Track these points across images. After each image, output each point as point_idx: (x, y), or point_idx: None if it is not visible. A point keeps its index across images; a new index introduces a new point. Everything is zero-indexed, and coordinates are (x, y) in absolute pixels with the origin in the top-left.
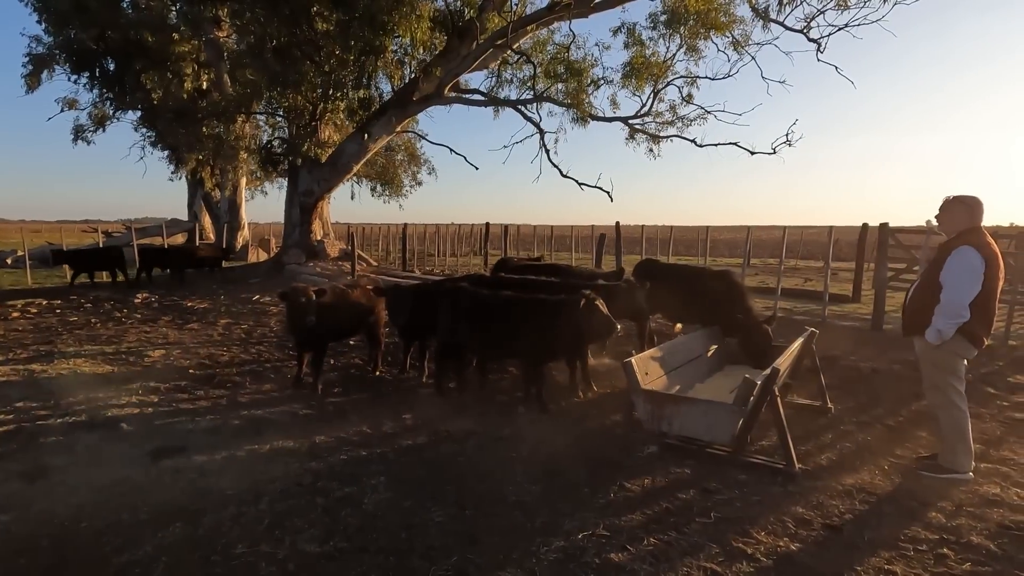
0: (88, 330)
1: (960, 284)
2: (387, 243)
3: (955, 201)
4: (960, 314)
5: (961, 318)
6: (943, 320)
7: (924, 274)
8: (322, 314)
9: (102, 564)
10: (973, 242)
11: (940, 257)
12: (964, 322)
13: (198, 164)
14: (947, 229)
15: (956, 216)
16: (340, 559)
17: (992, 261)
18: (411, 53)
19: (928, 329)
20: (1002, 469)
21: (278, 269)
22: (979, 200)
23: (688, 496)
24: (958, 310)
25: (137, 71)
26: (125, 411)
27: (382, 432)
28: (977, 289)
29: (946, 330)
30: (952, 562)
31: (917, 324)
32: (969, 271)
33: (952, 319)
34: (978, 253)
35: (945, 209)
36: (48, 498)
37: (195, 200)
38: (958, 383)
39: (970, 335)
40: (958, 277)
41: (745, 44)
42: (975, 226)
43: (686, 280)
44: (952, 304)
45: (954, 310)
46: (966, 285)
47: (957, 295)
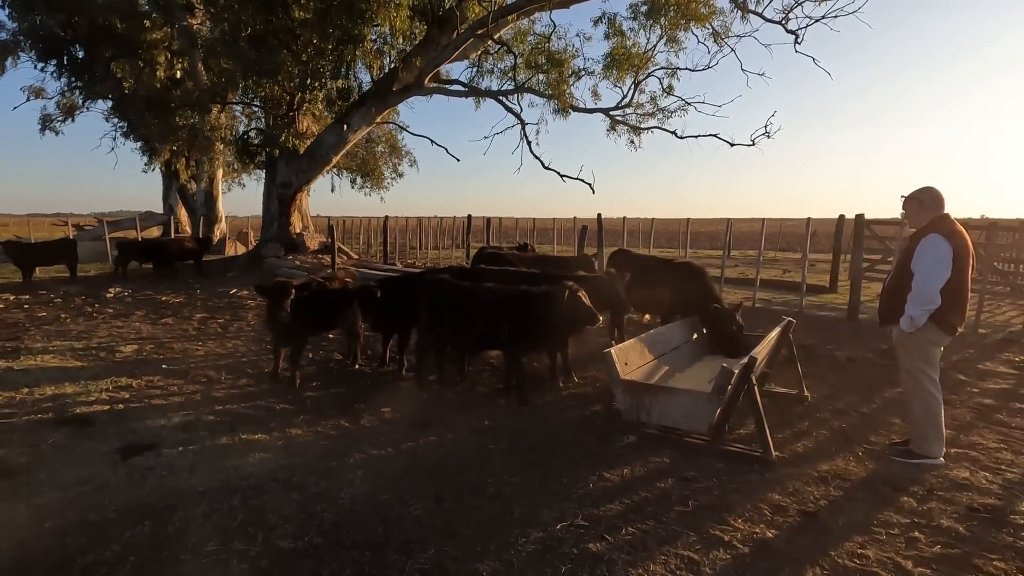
0: (57, 325)
1: (929, 271)
2: (368, 236)
3: (910, 199)
4: (932, 300)
5: (932, 304)
6: (915, 307)
7: (896, 264)
8: (301, 308)
9: (66, 565)
10: (941, 230)
11: (910, 247)
12: (935, 309)
13: (172, 155)
14: (914, 224)
15: (915, 211)
16: (315, 555)
17: (961, 248)
18: (390, 42)
19: (902, 317)
20: (971, 454)
21: (256, 263)
22: (933, 190)
23: (666, 485)
24: (929, 297)
25: (107, 59)
26: (94, 408)
27: (360, 425)
28: (946, 276)
29: (918, 317)
30: (923, 545)
31: (892, 313)
32: (937, 258)
33: (923, 306)
34: (946, 241)
35: (906, 208)
36: (11, 498)
37: (170, 193)
38: (931, 371)
39: (942, 322)
40: (927, 265)
41: (725, 36)
42: (941, 214)
43: (651, 271)
44: (923, 292)
45: (925, 297)
46: (935, 272)
47: (927, 283)
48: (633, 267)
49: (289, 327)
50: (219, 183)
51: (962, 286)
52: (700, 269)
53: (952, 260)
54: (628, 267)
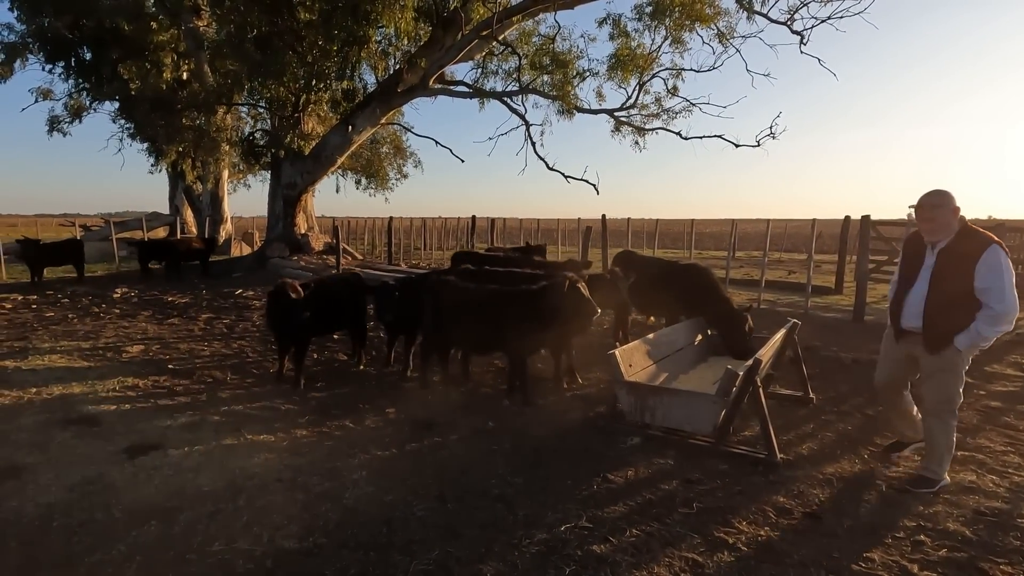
0: (65, 325)
1: (1010, 289)
2: (372, 236)
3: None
4: (1011, 322)
5: (1011, 326)
6: (992, 327)
7: (937, 278)
8: (305, 309)
9: (73, 563)
10: (994, 240)
11: (961, 259)
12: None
13: (178, 156)
14: (943, 233)
15: (949, 219)
16: (319, 555)
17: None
18: (395, 44)
19: (962, 336)
20: (978, 457)
21: (261, 263)
22: (951, 194)
23: (670, 487)
24: (1012, 318)
25: (114, 60)
26: (101, 408)
27: (364, 426)
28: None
29: (990, 338)
30: (929, 548)
31: (948, 335)
32: (1009, 273)
33: (1003, 326)
34: (1005, 254)
35: (935, 218)
36: (18, 497)
37: (176, 193)
38: (959, 393)
39: None
40: (1008, 282)
41: (730, 36)
42: (963, 220)
43: (657, 272)
44: (1008, 312)
45: (1009, 318)
46: (1012, 290)
47: (1012, 303)
48: (639, 268)
49: (293, 327)
50: (225, 184)
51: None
52: (707, 271)
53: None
54: (634, 268)
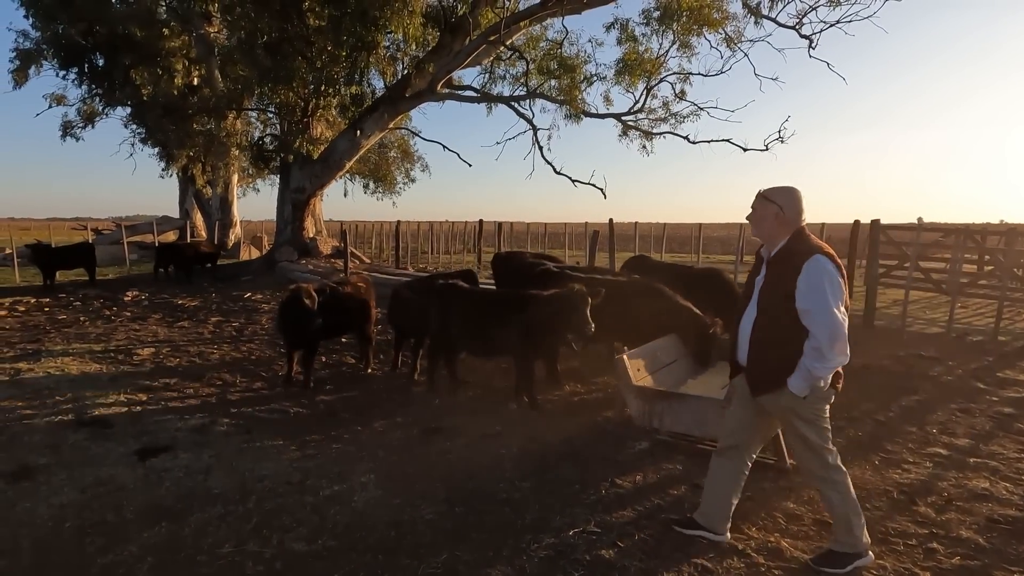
0: (77, 328)
1: (833, 311)
2: (380, 240)
3: (764, 201)
4: (845, 351)
5: (845, 357)
6: (821, 363)
7: (761, 301)
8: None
9: (86, 564)
10: (823, 249)
11: (782, 274)
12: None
13: (189, 161)
14: (764, 236)
15: (770, 220)
16: (328, 557)
17: (843, 276)
18: (403, 49)
19: (793, 378)
20: (991, 464)
21: (270, 267)
22: (795, 193)
23: (679, 492)
24: (843, 346)
25: (126, 66)
26: (112, 410)
27: (372, 429)
28: (844, 315)
29: (824, 376)
30: (941, 556)
31: (774, 373)
32: (834, 289)
33: (836, 359)
34: (834, 264)
35: (755, 212)
36: (31, 498)
37: (186, 197)
38: (830, 443)
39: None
40: (829, 301)
41: (738, 41)
42: (801, 227)
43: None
44: (833, 339)
45: (838, 347)
46: (838, 310)
47: (837, 326)
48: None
49: (302, 331)
50: (234, 188)
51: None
52: (725, 276)
53: (845, 292)
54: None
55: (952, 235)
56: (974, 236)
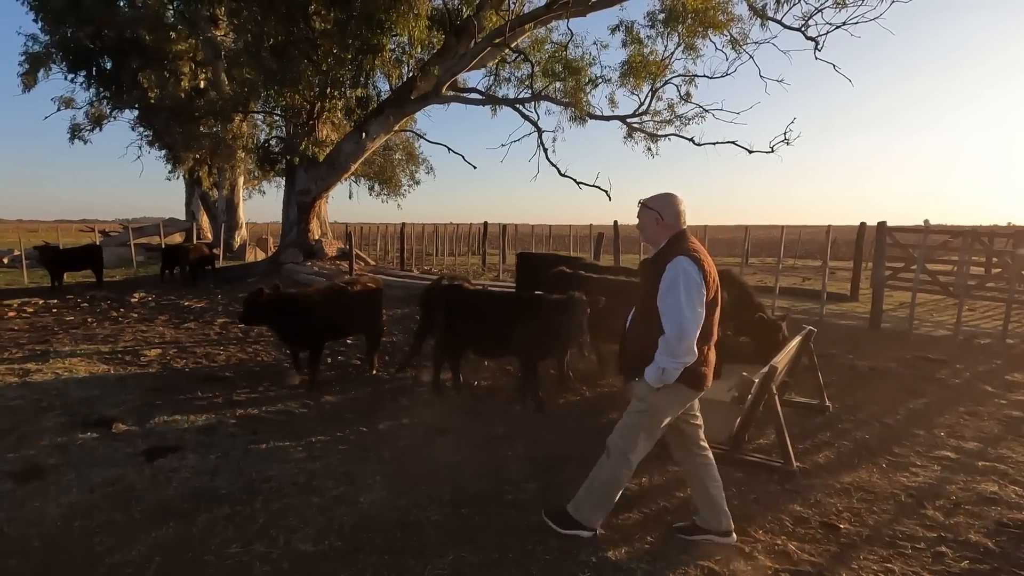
0: (84, 329)
1: (684, 310)
2: (385, 242)
3: (645, 209)
4: (691, 350)
5: (691, 355)
6: (669, 359)
7: (640, 296)
8: (318, 313)
9: (94, 564)
10: (688, 251)
11: (654, 274)
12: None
13: (195, 163)
14: (650, 241)
15: (651, 226)
16: (335, 558)
17: (711, 276)
18: (409, 52)
19: (649, 368)
20: (1000, 467)
21: (275, 268)
22: (673, 199)
23: (685, 494)
24: (689, 345)
25: (134, 69)
26: (120, 410)
27: (378, 431)
28: (700, 313)
29: (671, 371)
30: (950, 560)
31: (636, 359)
32: (690, 292)
33: (681, 357)
34: (696, 265)
35: (640, 220)
36: (40, 498)
37: (193, 199)
38: (648, 441)
39: (691, 376)
40: (681, 301)
41: (743, 43)
42: (680, 231)
43: None
44: (679, 337)
45: (683, 346)
46: (693, 310)
47: (684, 326)
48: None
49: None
50: (240, 190)
51: (709, 324)
52: (740, 277)
53: (704, 292)
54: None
55: (959, 237)
56: (981, 238)
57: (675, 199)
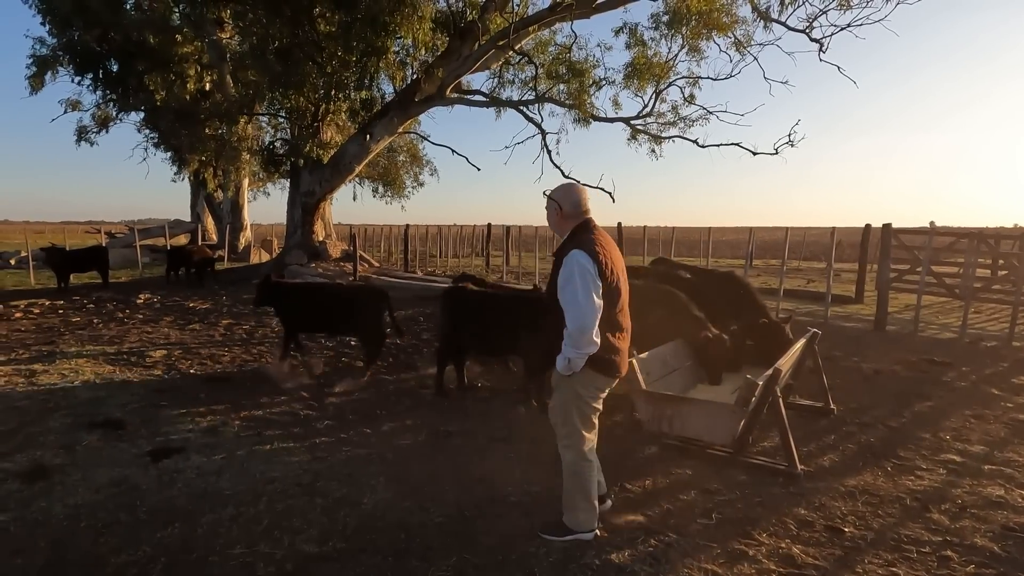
0: (90, 330)
1: (581, 303)
2: (389, 244)
3: (549, 201)
4: (592, 341)
5: (593, 346)
6: (572, 349)
7: (548, 288)
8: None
9: (100, 564)
10: (583, 244)
11: (555, 267)
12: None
13: (201, 165)
14: (557, 232)
15: (554, 218)
16: (338, 559)
17: (607, 264)
18: (413, 54)
19: (559, 356)
20: (1006, 471)
21: (280, 270)
22: (572, 190)
23: (689, 497)
24: (588, 337)
25: (140, 72)
26: (125, 411)
27: (381, 432)
28: (597, 303)
29: (576, 360)
30: (956, 564)
31: (551, 354)
32: (585, 284)
33: (583, 348)
34: (590, 258)
35: (547, 211)
36: (46, 498)
37: (198, 201)
38: (587, 426)
39: (598, 363)
40: (577, 294)
41: (747, 44)
42: (583, 220)
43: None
44: (578, 329)
45: (583, 337)
46: (588, 303)
47: (581, 318)
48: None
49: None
50: (245, 192)
51: (612, 313)
52: (744, 279)
53: (599, 282)
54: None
55: (965, 239)
56: (987, 240)
57: (576, 189)
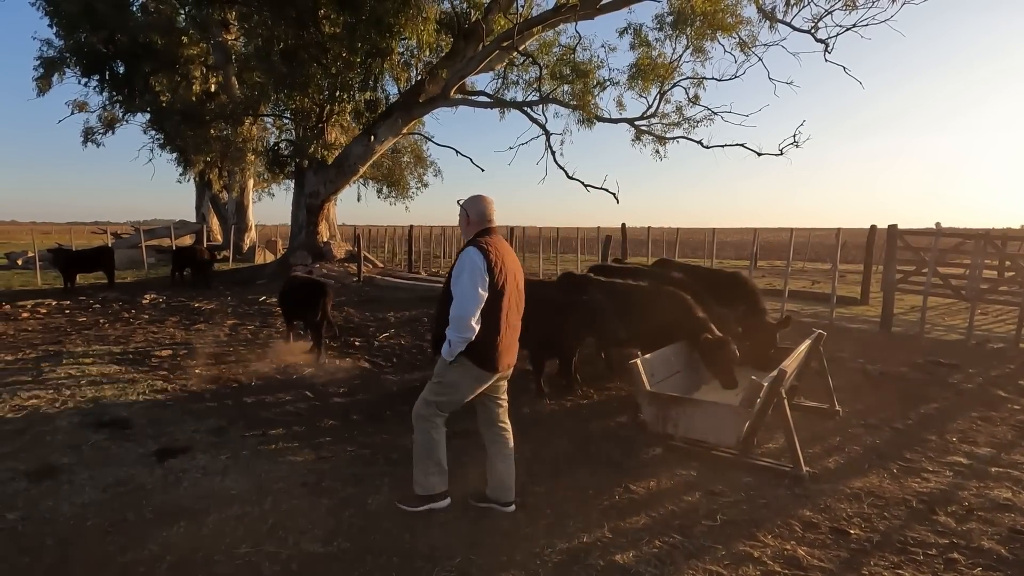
0: (96, 330)
1: (466, 294)
2: (393, 244)
3: (461, 208)
4: (471, 327)
5: (471, 332)
6: (453, 332)
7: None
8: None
9: (107, 563)
10: (479, 244)
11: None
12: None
13: (206, 166)
14: (465, 237)
15: (463, 224)
16: (343, 559)
17: (498, 267)
18: (417, 55)
19: (444, 344)
20: (1014, 473)
21: (284, 270)
22: (479, 200)
23: (694, 498)
24: (467, 323)
25: (146, 74)
26: (131, 411)
27: (386, 432)
28: (483, 297)
29: (456, 345)
30: (962, 567)
31: (439, 341)
32: (472, 277)
33: (461, 333)
34: (483, 256)
35: (459, 217)
36: (54, 497)
37: (203, 202)
38: (445, 408)
39: (473, 354)
40: (464, 286)
41: (752, 45)
42: (485, 228)
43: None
44: (459, 316)
45: (462, 323)
46: (472, 294)
47: (463, 306)
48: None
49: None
50: (249, 193)
51: (497, 313)
52: (750, 281)
53: (487, 277)
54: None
55: (972, 240)
56: (994, 241)
57: (482, 200)
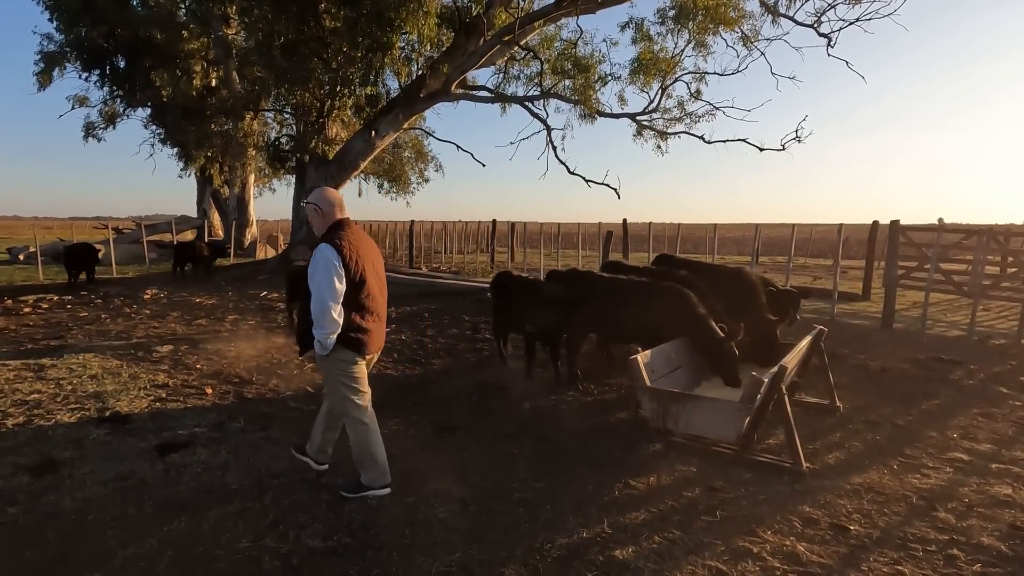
0: (98, 325)
1: (323, 290)
2: (394, 240)
3: (307, 204)
4: (333, 322)
5: (335, 326)
6: (318, 330)
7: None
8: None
9: (108, 557)
10: (331, 239)
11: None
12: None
13: (207, 161)
14: (317, 232)
15: (314, 218)
16: (343, 554)
17: (352, 255)
18: (418, 50)
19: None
20: (1014, 470)
21: (286, 266)
22: (327, 192)
23: (693, 494)
24: (329, 318)
25: (147, 68)
26: (133, 405)
27: (386, 427)
28: (341, 290)
29: (325, 340)
30: (962, 563)
31: (308, 336)
32: (328, 273)
33: (325, 328)
34: (335, 250)
35: (308, 212)
36: (55, 491)
37: (204, 197)
38: (356, 395)
39: (347, 341)
40: (320, 282)
41: (754, 39)
42: (337, 219)
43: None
44: (320, 313)
45: (325, 319)
46: (330, 289)
47: (322, 303)
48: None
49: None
50: (251, 188)
51: (359, 298)
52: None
53: (344, 268)
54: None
55: (974, 236)
56: (997, 237)
57: (329, 192)
